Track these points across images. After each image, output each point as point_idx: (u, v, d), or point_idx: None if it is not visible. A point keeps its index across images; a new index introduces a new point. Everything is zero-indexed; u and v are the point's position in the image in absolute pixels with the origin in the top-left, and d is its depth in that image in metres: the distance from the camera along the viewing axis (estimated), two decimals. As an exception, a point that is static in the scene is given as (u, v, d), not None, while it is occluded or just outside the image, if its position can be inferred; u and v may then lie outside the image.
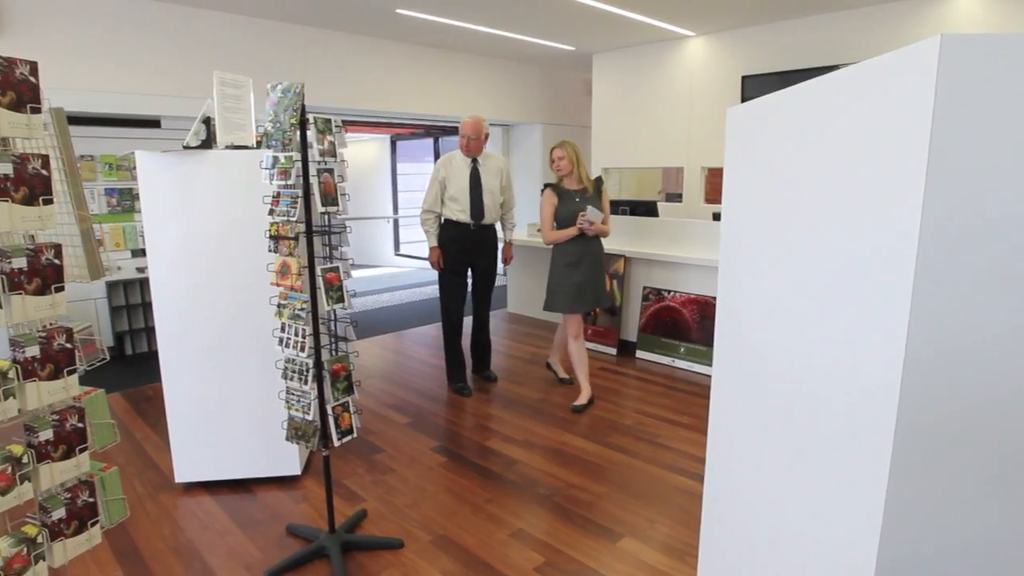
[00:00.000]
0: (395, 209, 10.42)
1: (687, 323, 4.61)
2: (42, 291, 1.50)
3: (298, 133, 2.03)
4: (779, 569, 1.27)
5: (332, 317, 2.26)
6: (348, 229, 2.23)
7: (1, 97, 1.39)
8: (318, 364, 2.17)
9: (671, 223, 5.09)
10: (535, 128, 7.81)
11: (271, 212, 2.12)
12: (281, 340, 2.20)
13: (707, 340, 4.48)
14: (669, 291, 4.71)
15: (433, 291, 7.94)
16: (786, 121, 1.24)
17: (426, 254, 4.15)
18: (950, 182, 0.80)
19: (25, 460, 1.50)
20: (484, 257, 4.10)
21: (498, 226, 4.21)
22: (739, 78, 5.77)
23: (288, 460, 2.94)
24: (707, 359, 4.45)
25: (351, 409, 2.29)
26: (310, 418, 2.21)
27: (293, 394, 2.25)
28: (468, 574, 2.30)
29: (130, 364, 4.89)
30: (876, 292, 0.91)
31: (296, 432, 2.27)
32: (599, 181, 3.83)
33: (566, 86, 7.98)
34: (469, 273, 4.11)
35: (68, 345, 1.58)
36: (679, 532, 2.53)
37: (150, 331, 5.16)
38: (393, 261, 10.35)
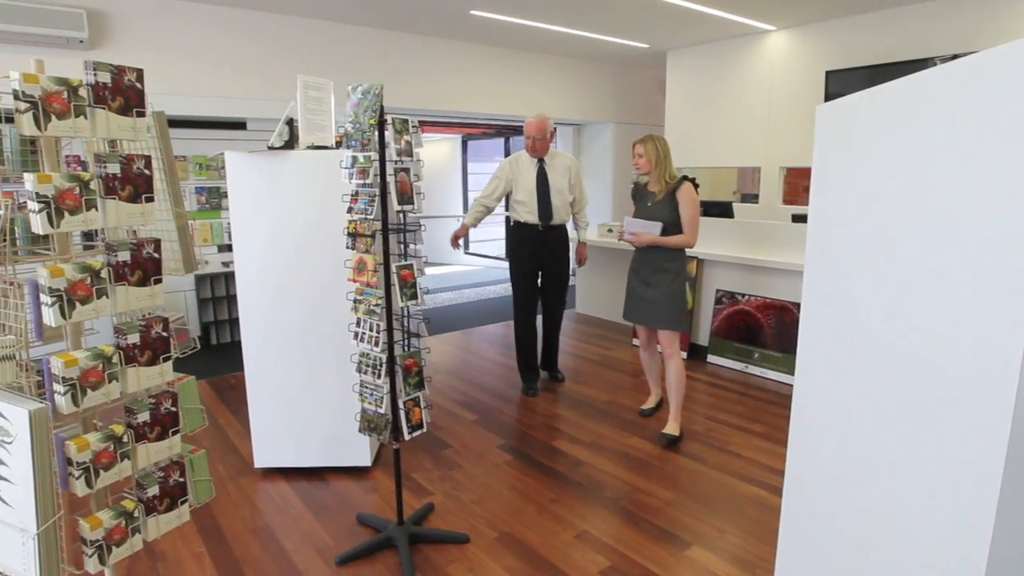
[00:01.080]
0: (465, 208, 10.56)
1: (762, 328, 4.45)
2: (143, 283, 1.61)
3: (376, 133, 2.08)
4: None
5: (405, 313, 2.31)
6: (423, 227, 2.28)
7: (111, 102, 1.49)
8: (391, 359, 2.23)
9: (747, 224, 4.92)
10: (606, 127, 7.73)
11: (349, 210, 2.19)
12: (356, 334, 2.27)
13: (784, 346, 4.31)
14: (743, 295, 4.56)
15: (501, 290, 8.00)
16: (895, 116, 1.16)
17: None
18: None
19: (125, 439, 1.61)
20: (555, 258, 4.00)
21: (570, 226, 4.11)
22: (823, 73, 5.51)
23: (359, 451, 3.03)
24: (784, 366, 4.28)
25: (421, 404, 2.33)
26: (382, 411, 2.27)
27: (366, 387, 2.31)
28: (532, 573, 2.30)
29: (215, 353, 5.17)
30: (1006, 295, 0.85)
31: (368, 424, 2.33)
32: (678, 183, 3.22)
33: (638, 84, 7.86)
34: (540, 275, 4.05)
35: (164, 334, 1.68)
36: (750, 544, 2.45)
37: (233, 322, 5.44)
38: (462, 259, 10.50)
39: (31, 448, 1.42)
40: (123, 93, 1.52)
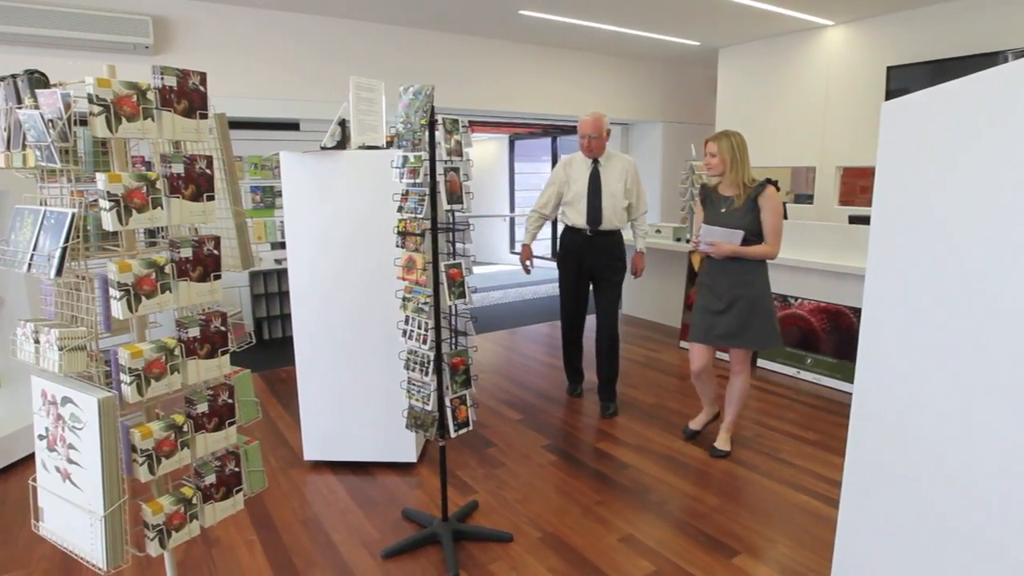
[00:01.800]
0: (511, 207, 10.60)
1: (815, 333, 4.31)
2: (203, 278, 1.67)
3: (427, 133, 2.10)
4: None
5: (453, 312, 2.33)
6: (471, 227, 2.29)
7: (176, 105, 1.55)
8: (438, 357, 2.25)
9: (800, 226, 4.78)
10: (655, 127, 7.63)
11: (400, 209, 2.22)
12: (405, 332, 2.30)
13: (839, 352, 4.17)
14: (796, 298, 4.43)
15: (546, 290, 7.99)
16: (967, 114, 1.11)
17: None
18: None
19: (185, 429, 1.67)
20: (605, 267, 3.67)
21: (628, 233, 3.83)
22: (884, 69, 5.30)
23: (405, 447, 3.07)
24: (839, 372, 4.14)
25: (468, 402, 2.35)
26: (429, 408, 2.29)
27: (414, 384, 2.34)
28: (576, 575, 2.29)
29: (267, 348, 5.32)
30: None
31: (415, 421, 2.36)
32: (760, 187, 2.91)
33: (688, 83, 7.73)
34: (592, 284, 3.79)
35: (222, 328, 1.74)
36: (802, 555, 2.38)
37: (285, 318, 5.59)
38: (508, 259, 10.54)
39: (99, 434, 1.50)
40: (187, 96, 1.57)
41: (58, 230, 1.50)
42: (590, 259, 3.67)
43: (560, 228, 3.85)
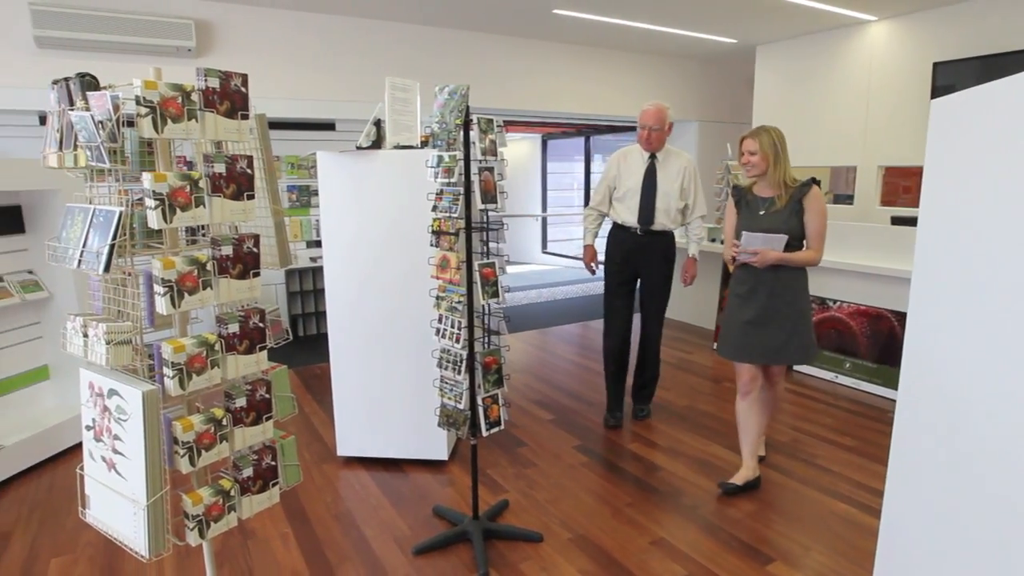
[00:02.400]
0: (544, 207, 10.59)
1: (855, 336, 4.20)
2: (243, 276, 1.71)
3: (462, 133, 2.11)
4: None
5: (486, 311, 2.34)
6: (505, 226, 2.29)
7: (219, 106, 1.59)
8: (471, 355, 2.26)
9: (840, 227, 4.66)
10: (690, 126, 7.53)
11: (434, 208, 2.24)
12: (438, 330, 2.32)
13: (879, 357, 4.06)
14: (835, 301, 4.33)
15: (578, 290, 7.96)
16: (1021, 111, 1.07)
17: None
18: None
19: (224, 423, 1.71)
20: (653, 270, 3.44)
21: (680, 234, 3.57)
22: (930, 65, 5.14)
23: (436, 445, 3.09)
24: (879, 377, 4.03)
25: (500, 401, 2.35)
26: (461, 407, 2.30)
27: (447, 383, 2.35)
28: (607, 577, 2.27)
29: (301, 344, 5.42)
30: None
31: (448, 419, 2.37)
32: (804, 188, 2.65)
33: (724, 81, 7.61)
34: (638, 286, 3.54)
35: (261, 324, 1.77)
36: (838, 564, 2.32)
37: (319, 315, 5.69)
38: (540, 259, 10.53)
39: (143, 426, 1.54)
40: (229, 97, 1.61)
41: (106, 228, 1.55)
42: (638, 260, 3.44)
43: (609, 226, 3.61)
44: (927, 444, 1.33)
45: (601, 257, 3.59)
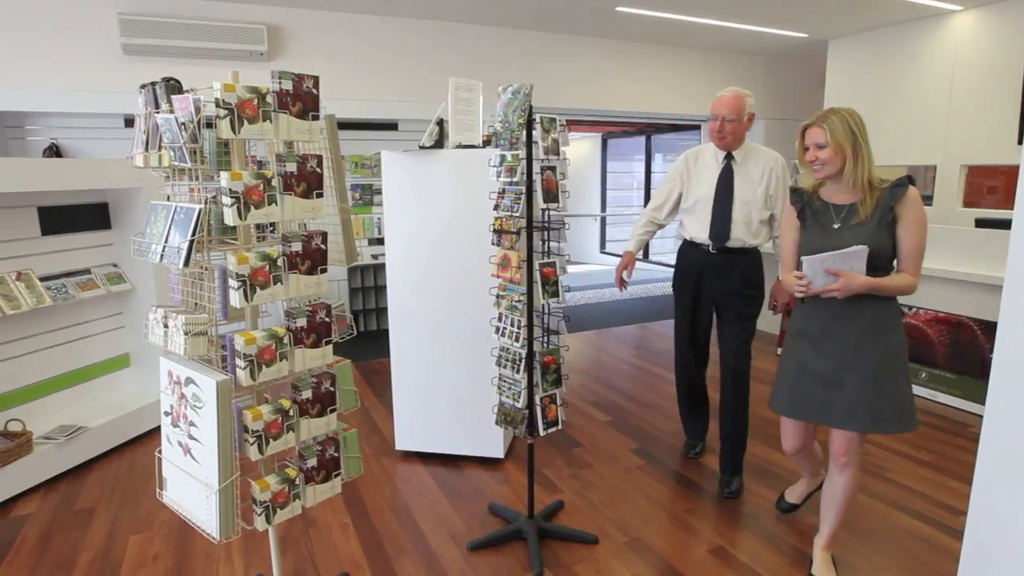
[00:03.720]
0: (603, 207, 10.50)
1: (933, 345, 3.98)
2: (311, 271, 1.76)
3: (524, 132, 2.11)
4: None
5: (546, 310, 2.33)
6: (566, 226, 2.28)
7: (292, 107, 1.64)
8: (530, 354, 2.26)
9: (918, 229, 4.43)
10: (756, 124, 7.29)
11: (496, 207, 2.25)
12: (498, 329, 2.33)
13: (959, 367, 3.83)
14: (910, 307, 4.12)
15: (637, 291, 7.84)
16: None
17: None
18: None
19: (291, 413, 1.77)
20: (734, 295, 2.77)
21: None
22: (1022, 57, 4.82)
23: (493, 443, 3.11)
24: (958, 389, 3.81)
25: (558, 401, 2.34)
26: (519, 406, 2.31)
27: (505, 381, 2.36)
28: (664, 584, 2.23)
29: (362, 340, 5.55)
30: None
31: (505, 417, 2.38)
32: (897, 191, 1.95)
33: (792, 77, 7.35)
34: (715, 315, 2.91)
35: (327, 319, 1.82)
36: (913, 584, 2.20)
37: (380, 311, 5.81)
38: (599, 259, 10.44)
39: (217, 414, 1.61)
40: (301, 99, 1.66)
41: (186, 224, 1.62)
42: (713, 284, 2.80)
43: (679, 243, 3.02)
44: (1018, 463, 1.25)
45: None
